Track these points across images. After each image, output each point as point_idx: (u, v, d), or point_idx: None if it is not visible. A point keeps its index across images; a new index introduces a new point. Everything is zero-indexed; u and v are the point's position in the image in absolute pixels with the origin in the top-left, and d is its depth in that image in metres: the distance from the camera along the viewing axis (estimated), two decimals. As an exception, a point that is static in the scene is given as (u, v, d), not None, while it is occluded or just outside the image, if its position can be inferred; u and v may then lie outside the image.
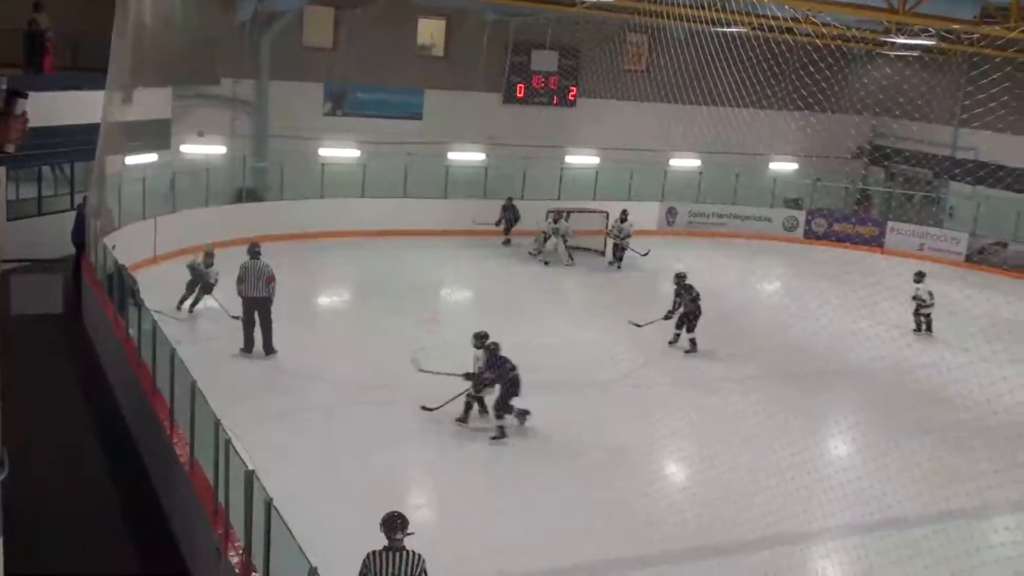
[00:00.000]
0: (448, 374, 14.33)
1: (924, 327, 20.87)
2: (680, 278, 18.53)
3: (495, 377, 13.69)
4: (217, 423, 9.18)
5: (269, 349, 16.53)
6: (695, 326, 18.33)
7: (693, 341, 18.30)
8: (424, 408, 14.37)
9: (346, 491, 11.74)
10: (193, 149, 25.25)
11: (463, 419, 14.04)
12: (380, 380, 15.85)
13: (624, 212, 24.84)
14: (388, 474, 12.56)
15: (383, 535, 7.95)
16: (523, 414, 14.10)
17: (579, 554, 10.89)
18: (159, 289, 18.46)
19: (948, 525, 11.82)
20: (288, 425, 13.70)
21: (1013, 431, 14.50)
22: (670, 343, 18.63)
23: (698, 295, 18.35)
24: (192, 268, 18.68)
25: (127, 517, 11.45)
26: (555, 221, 25.07)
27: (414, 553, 7.88)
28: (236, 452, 8.77)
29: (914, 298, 20.94)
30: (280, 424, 13.63)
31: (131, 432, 13.46)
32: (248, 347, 16.56)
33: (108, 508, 11.55)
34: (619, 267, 24.85)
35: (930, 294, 20.84)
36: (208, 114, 25.54)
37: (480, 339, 14.07)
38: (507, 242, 26.23)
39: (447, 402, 14.20)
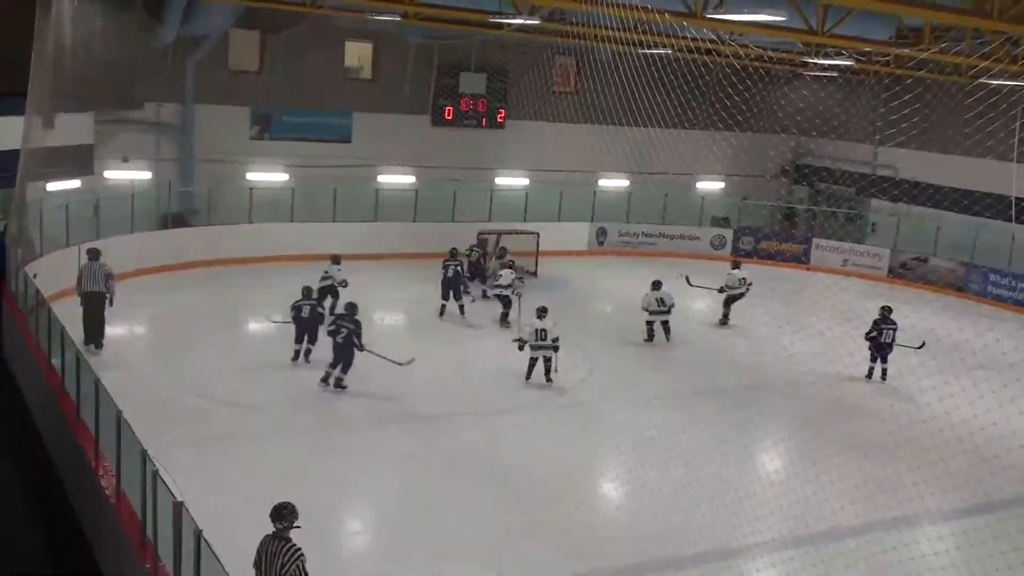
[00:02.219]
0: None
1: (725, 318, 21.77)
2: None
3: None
4: (144, 454, 9.01)
5: (99, 343, 17.31)
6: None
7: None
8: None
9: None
10: (117, 174, 24.85)
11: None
12: (308, 405, 15.71)
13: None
14: (319, 502, 12.41)
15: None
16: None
17: (513, 573, 10.87)
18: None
19: (878, 535, 12.08)
20: (216, 453, 13.49)
21: (937, 441, 14.85)
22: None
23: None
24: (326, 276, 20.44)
25: (51, 551, 11.16)
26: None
27: (294, 547, 8.20)
28: (164, 483, 8.61)
29: (722, 289, 21.87)
30: (207, 452, 13.42)
31: (54, 464, 13.14)
32: (89, 340, 17.06)
33: (31, 543, 11.25)
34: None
35: (741, 281, 21.57)
36: (132, 139, 25.16)
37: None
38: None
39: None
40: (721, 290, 21.95)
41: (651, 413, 16.06)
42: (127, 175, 25.00)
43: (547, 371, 17.31)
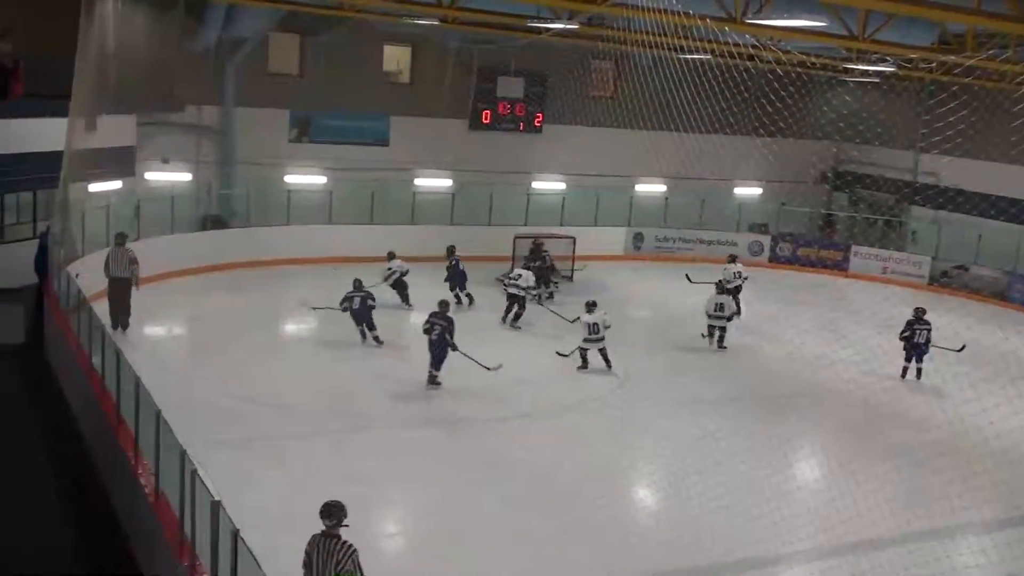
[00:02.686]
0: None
1: (733, 310, 21.28)
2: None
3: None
4: (183, 453, 9.06)
5: (126, 323, 18.13)
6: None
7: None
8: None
9: (313, 520, 11.59)
10: (158, 176, 25.09)
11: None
12: (346, 407, 15.76)
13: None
14: (355, 502, 12.41)
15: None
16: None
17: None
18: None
19: (918, 546, 11.91)
20: (254, 453, 13.56)
21: (980, 452, 14.63)
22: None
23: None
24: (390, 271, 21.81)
25: (90, 550, 11.26)
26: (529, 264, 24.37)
27: (347, 544, 8.25)
28: (202, 482, 8.65)
29: (719, 283, 21.55)
30: (246, 452, 13.49)
31: (94, 462, 13.26)
32: (115, 324, 17.67)
33: (71, 540, 11.36)
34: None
35: (736, 275, 21.36)
36: (173, 141, 25.40)
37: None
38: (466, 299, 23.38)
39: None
40: (718, 284, 21.72)
41: (687, 419, 15.92)
42: (168, 177, 25.26)
43: (607, 361, 18.32)
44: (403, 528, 12.49)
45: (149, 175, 24.86)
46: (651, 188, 31.25)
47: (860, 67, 23.63)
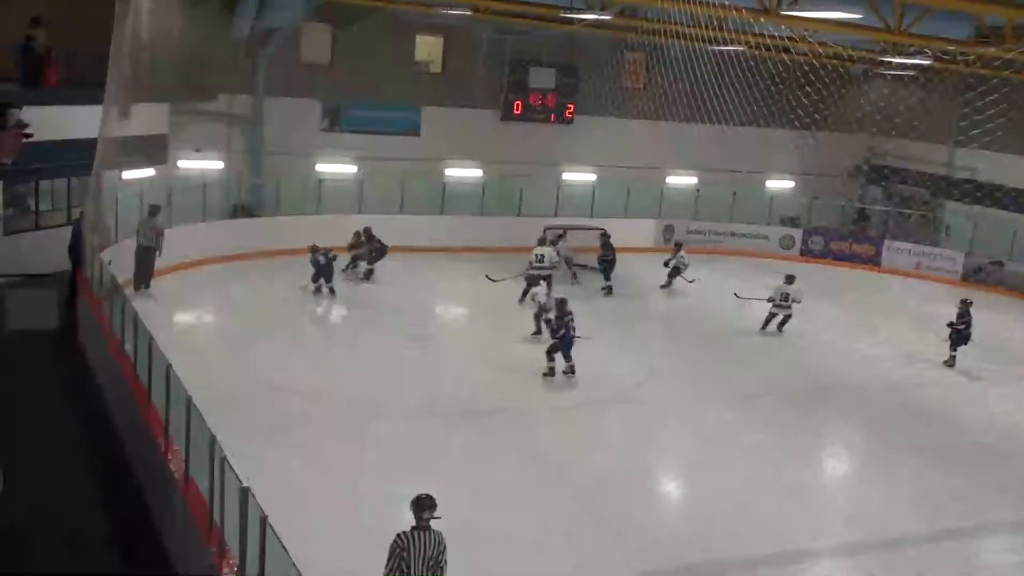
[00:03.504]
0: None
1: (777, 327, 21.14)
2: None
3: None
4: (213, 440, 9.11)
5: (147, 284, 20.18)
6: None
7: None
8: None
9: (338, 508, 11.67)
10: (190, 164, 25.24)
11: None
12: (372, 397, 15.78)
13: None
14: (382, 492, 12.47)
15: (412, 516, 8.30)
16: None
17: (574, 572, 10.81)
18: (157, 304, 18.47)
19: (945, 545, 11.82)
20: (283, 441, 13.61)
21: (1009, 450, 14.48)
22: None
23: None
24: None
25: (120, 534, 11.35)
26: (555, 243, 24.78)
27: (437, 532, 8.24)
28: (231, 469, 8.69)
29: (770, 299, 21.28)
30: (274, 440, 13.54)
31: (125, 448, 13.37)
32: (137, 287, 19.73)
33: (101, 525, 11.45)
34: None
35: (786, 296, 21.08)
36: (205, 130, 25.54)
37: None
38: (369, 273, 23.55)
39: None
40: (770, 300, 21.49)
41: (714, 413, 15.84)
42: (199, 165, 25.40)
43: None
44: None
45: (181, 163, 25.00)
46: (682, 180, 31.09)
47: (896, 60, 23.36)
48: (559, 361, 16.99)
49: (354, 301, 20.06)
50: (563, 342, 17.03)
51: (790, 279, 21.39)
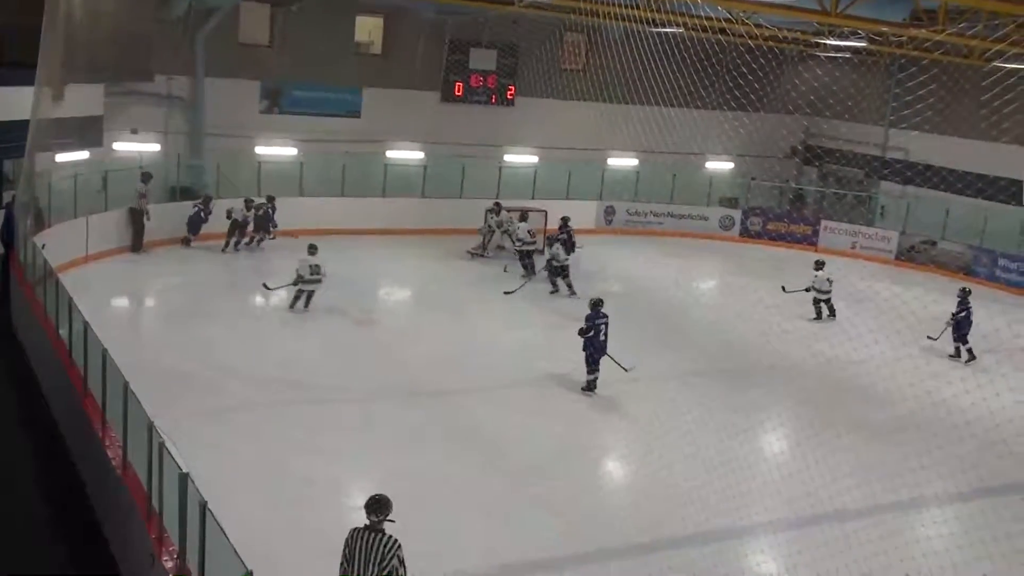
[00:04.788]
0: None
1: (827, 314, 21.51)
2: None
3: None
4: (151, 425, 9.04)
5: (138, 249, 22.35)
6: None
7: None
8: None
9: (280, 492, 11.65)
10: (126, 147, 24.81)
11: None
12: (315, 379, 15.73)
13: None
14: (323, 475, 12.47)
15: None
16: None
17: (515, 552, 10.92)
18: (91, 289, 18.19)
19: (880, 518, 12.09)
20: (222, 425, 13.54)
21: (944, 425, 14.85)
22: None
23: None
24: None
25: (58, 522, 11.24)
26: (496, 214, 25.06)
27: (392, 539, 7.92)
28: (170, 454, 8.64)
29: (809, 289, 21.61)
30: (214, 424, 13.47)
31: (63, 434, 13.20)
32: (135, 249, 22.19)
33: (38, 513, 11.32)
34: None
35: (828, 281, 21.38)
36: (142, 111, 25.10)
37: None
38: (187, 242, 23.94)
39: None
40: (808, 290, 21.81)
41: (656, 393, 16.02)
42: (136, 147, 24.96)
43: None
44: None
45: (117, 145, 24.56)
46: (623, 162, 31.29)
47: (831, 42, 23.72)
48: (603, 367, 16.01)
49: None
50: (592, 346, 15.80)
51: (820, 265, 21.78)
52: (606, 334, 15.89)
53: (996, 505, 12.92)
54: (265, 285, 19.90)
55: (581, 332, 15.85)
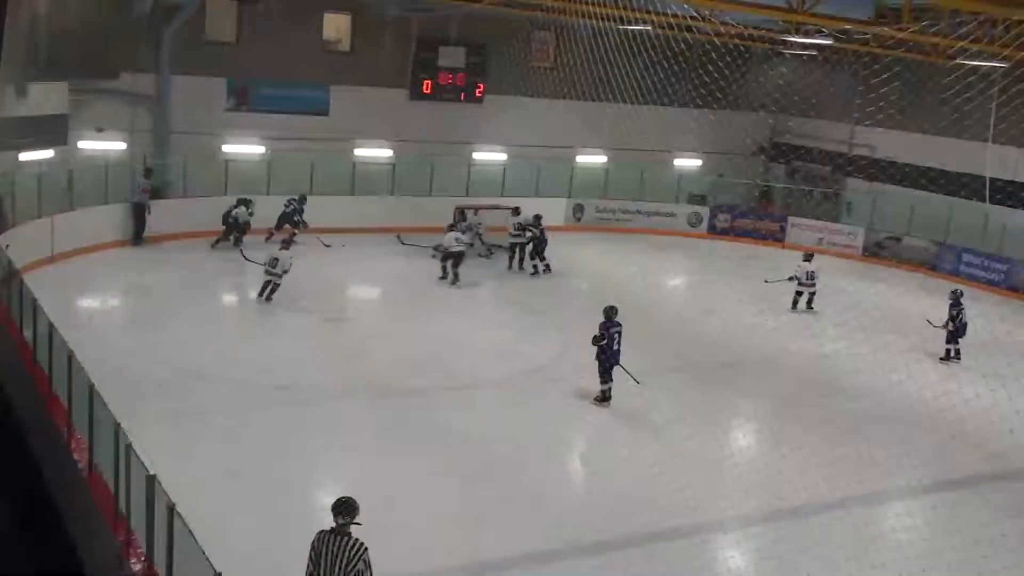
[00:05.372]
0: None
1: (804, 306, 21.74)
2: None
3: None
4: (117, 427, 8.97)
5: (138, 242, 23.18)
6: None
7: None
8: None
9: (249, 494, 11.59)
10: (91, 145, 24.55)
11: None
12: (282, 381, 15.63)
13: None
14: (293, 476, 12.43)
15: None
16: None
17: (487, 552, 10.92)
18: (58, 290, 17.99)
19: (848, 512, 12.21)
20: (189, 427, 13.45)
21: (909, 418, 15.03)
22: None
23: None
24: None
25: (22, 526, 11.12)
26: (464, 218, 25.04)
27: (359, 542, 7.82)
28: (137, 456, 8.58)
29: (792, 278, 21.84)
30: (181, 426, 13.37)
31: (26, 437, 13.06)
32: (135, 242, 22.93)
33: (2, 515, 11.20)
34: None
35: (809, 274, 21.57)
36: (107, 109, 24.84)
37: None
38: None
39: None
40: (791, 279, 22.00)
41: (625, 389, 16.08)
42: (101, 146, 24.72)
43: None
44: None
45: (82, 144, 24.30)
46: (592, 159, 31.36)
47: (797, 40, 23.88)
48: (617, 378, 15.53)
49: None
50: (605, 355, 15.30)
51: (808, 257, 22.01)
52: (620, 343, 15.41)
53: (961, 496, 13.12)
54: (242, 253, 21.62)
55: (595, 340, 15.32)
